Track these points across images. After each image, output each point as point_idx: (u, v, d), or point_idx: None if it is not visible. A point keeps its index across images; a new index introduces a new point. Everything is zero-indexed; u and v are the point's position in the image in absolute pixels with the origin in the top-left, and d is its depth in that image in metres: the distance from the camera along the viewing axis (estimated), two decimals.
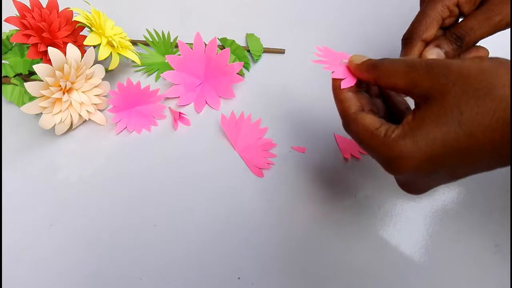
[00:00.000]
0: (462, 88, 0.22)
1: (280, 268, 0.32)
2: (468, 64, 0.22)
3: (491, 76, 0.21)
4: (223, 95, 0.42)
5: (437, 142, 0.22)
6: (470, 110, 0.21)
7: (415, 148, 0.23)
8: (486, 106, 0.21)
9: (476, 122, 0.21)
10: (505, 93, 0.21)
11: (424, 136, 0.22)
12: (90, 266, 0.32)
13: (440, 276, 0.32)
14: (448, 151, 0.22)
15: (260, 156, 0.38)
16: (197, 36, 0.41)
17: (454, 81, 0.22)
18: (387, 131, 0.24)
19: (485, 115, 0.21)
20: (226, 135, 0.39)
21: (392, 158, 0.24)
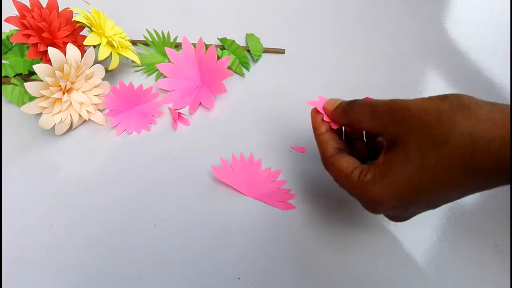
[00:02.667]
0: (421, 135, 0.23)
1: (280, 268, 0.32)
2: (426, 107, 0.23)
3: (448, 124, 0.22)
4: (216, 92, 0.42)
5: (405, 186, 0.24)
6: (430, 157, 0.23)
7: (385, 193, 0.24)
8: (445, 153, 0.22)
9: (438, 166, 0.22)
10: (463, 142, 0.22)
11: (392, 181, 0.24)
12: (90, 266, 0.32)
13: (440, 276, 0.32)
14: (416, 192, 0.24)
15: (279, 192, 0.36)
16: (184, 40, 0.41)
17: (414, 128, 0.23)
18: (360, 175, 0.26)
19: (444, 161, 0.22)
20: (229, 185, 0.36)
21: (367, 201, 0.26)
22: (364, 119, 0.26)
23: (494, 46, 0.47)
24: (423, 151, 0.23)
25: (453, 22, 0.50)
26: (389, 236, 0.34)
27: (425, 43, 0.48)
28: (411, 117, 0.24)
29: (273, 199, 0.35)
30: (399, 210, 0.25)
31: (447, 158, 0.22)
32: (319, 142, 0.29)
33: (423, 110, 0.23)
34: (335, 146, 0.28)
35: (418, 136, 0.23)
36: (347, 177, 0.26)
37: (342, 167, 0.27)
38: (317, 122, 0.30)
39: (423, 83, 0.44)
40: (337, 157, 0.28)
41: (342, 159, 0.27)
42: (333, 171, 0.28)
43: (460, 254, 0.33)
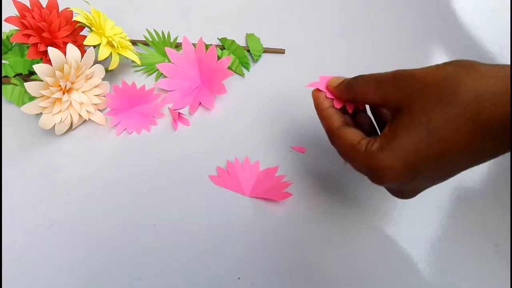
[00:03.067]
0: (428, 97, 0.23)
1: (280, 268, 0.32)
2: (431, 71, 0.23)
3: (454, 84, 0.22)
4: (216, 92, 0.42)
5: (411, 151, 0.23)
6: (438, 117, 0.22)
7: (392, 159, 0.24)
8: (453, 111, 0.22)
9: (447, 127, 0.22)
10: (468, 98, 0.21)
11: (399, 147, 0.23)
12: (90, 266, 0.32)
13: (440, 276, 0.32)
14: (423, 157, 0.23)
15: (277, 185, 0.36)
16: (184, 40, 0.41)
17: (419, 90, 0.23)
18: (367, 145, 0.25)
19: (453, 120, 0.22)
20: (228, 189, 0.36)
21: (373, 170, 0.25)
22: (368, 91, 0.26)
23: (494, 46, 0.47)
24: (430, 112, 0.22)
25: (453, 22, 0.50)
26: (389, 235, 0.34)
27: (425, 43, 0.48)
28: (416, 82, 0.23)
29: (271, 192, 0.35)
30: (405, 179, 0.24)
31: (454, 116, 0.22)
32: (324, 117, 0.29)
33: (428, 73, 0.23)
34: (340, 119, 0.28)
35: (423, 98, 0.23)
36: (353, 148, 0.26)
37: (349, 138, 0.26)
38: (320, 99, 0.29)
39: None
40: (343, 129, 0.27)
41: (349, 131, 0.27)
42: (340, 143, 0.27)
43: (460, 254, 0.33)
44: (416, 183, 0.25)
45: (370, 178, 0.26)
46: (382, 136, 0.25)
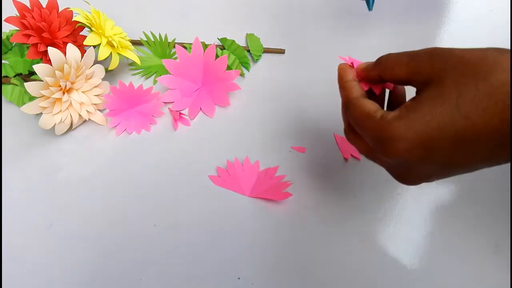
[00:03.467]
0: (462, 71, 0.21)
1: (280, 268, 0.32)
2: (470, 51, 0.22)
3: (492, 62, 0.21)
4: (218, 102, 0.42)
5: (431, 124, 0.21)
6: (468, 92, 0.21)
7: (408, 129, 0.22)
8: (485, 89, 0.20)
9: (474, 104, 0.20)
10: (506, 77, 0.20)
11: (419, 118, 0.22)
12: (90, 266, 0.32)
13: (440, 276, 0.32)
14: (443, 134, 0.21)
15: (278, 185, 0.36)
16: (196, 41, 0.41)
17: (454, 65, 0.22)
18: (384, 114, 0.24)
19: (483, 97, 0.20)
20: (228, 189, 0.36)
21: (384, 139, 0.23)
22: (397, 65, 0.25)
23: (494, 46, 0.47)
24: (462, 86, 0.21)
25: (453, 22, 0.50)
26: (389, 235, 0.34)
27: (425, 43, 0.48)
28: (452, 57, 0.22)
29: (271, 192, 0.35)
30: (415, 157, 0.23)
31: (486, 94, 0.20)
32: (345, 87, 0.28)
33: (466, 52, 0.22)
34: (361, 91, 0.27)
35: (458, 72, 0.21)
36: (368, 116, 0.25)
37: (366, 107, 0.25)
38: (345, 71, 0.28)
39: None
40: (362, 99, 0.26)
41: (368, 102, 0.26)
42: (355, 112, 0.26)
43: (460, 254, 0.33)
44: (424, 166, 0.24)
45: (379, 147, 0.24)
46: (403, 106, 0.23)
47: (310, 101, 0.42)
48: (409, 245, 0.33)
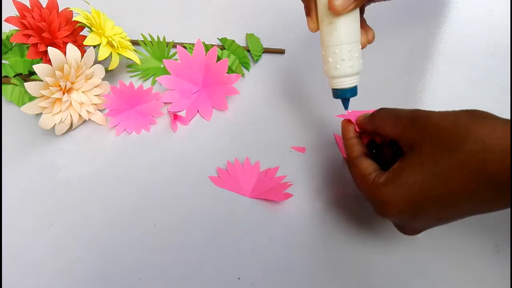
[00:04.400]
0: (437, 140, 0.24)
1: (280, 268, 0.32)
2: (445, 116, 0.24)
3: (464, 131, 0.23)
4: (217, 106, 0.42)
5: (414, 189, 0.24)
6: (443, 161, 0.23)
7: (395, 194, 0.25)
8: (459, 158, 0.22)
9: (449, 172, 0.23)
10: (476, 147, 0.22)
11: (404, 184, 0.25)
12: (90, 266, 0.32)
13: (440, 276, 0.32)
14: (425, 197, 0.24)
15: (278, 186, 0.36)
16: (198, 42, 0.40)
17: (431, 133, 0.24)
18: (376, 177, 0.27)
19: (457, 166, 0.23)
20: (228, 189, 0.36)
21: (377, 202, 0.26)
22: (387, 125, 0.28)
23: (494, 46, 0.47)
24: (437, 156, 0.23)
25: (453, 22, 0.50)
26: (389, 235, 0.34)
27: (425, 43, 0.48)
28: (429, 124, 0.24)
29: (272, 193, 0.35)
30: (407, 216, 0.26)
31: (459, 164, 0.22)
32: (347, 146, 0.31)
33: (442, 118, 0.24)
34: (360, 149, 0.30)
35: (433, 141, 0.24)
36: (363, 178, 0.27)
37: (362, 168, 0.28)
38: (347, 129, 0.31)
39: (422, 83, 0.44)
40: (361, 159, 0.29)
41: (365, 161, 0.28)
42: (354, 172, 0.29)
43: (460, 254, 0.33)
44: (418, 221, 0.26)
45: (374, 208, 0.27)
46: (391, 171, 0.26)
47: (310, 101, 0.42)
48: (408, 245, 0.33)
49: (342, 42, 0.30)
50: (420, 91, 0.43)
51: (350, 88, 0.32)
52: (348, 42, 0.30)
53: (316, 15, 0.31)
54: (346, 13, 0.29)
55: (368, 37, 0.33)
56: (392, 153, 0.31)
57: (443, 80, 0.44)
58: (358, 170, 0.28)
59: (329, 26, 0.30)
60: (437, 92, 0.43)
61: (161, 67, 0.45)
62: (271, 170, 0.37)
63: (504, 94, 0.43)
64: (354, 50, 0.31)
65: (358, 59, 0.31)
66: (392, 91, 0.43)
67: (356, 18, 0.30)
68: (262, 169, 0.37)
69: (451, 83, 0.44)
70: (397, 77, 0.45)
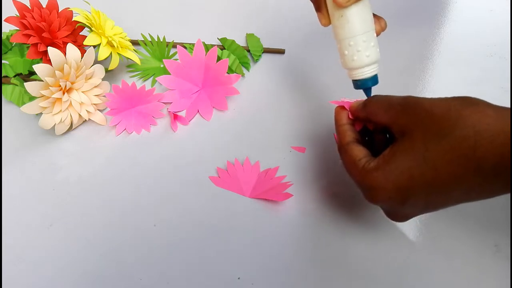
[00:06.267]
0: (428, 126, 0.24)
1: (280, 268, 0.32)
2: (437, 102, 0.24)
3: (455, 117, 0.23)
4: (217, 106, 0.42)
5: (404, 175, 0.24)
6: (434, 147, 0.23)
7: (385, 180, 0.25)
8: (449, 144, 0.22)
9: (439, 157, 0.23)
10: (466, 133, 0.22)
11: (393, 169, 0.25)
12: (90, 266, 0.32)
13: (440, 276, 0.32)
14: (415, 183, 0.24)
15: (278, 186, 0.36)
16: (198, 43, 0.40)
17: (422, 119, 0.24)
18: (366, 163, 0.27)
19: (447, 152, 0.23)
20: (228, 189, 0.36)
21: (367, 187, 0.26)
22: (379, 111, 0.27)
23: (494, 46, 0.47)
24: (428, 142, 0.23)
25: (453, 22, 0.50)
26: (389, 236, 0.34)
27: (425, 43, 0.48)
28: (421, 110, 0.24)
29: (272, 193, 0.35)
30: (396, 202, 0.25)
31: (449, 149, 0.22)
32: (339, 132, 0.30)
33: (433, 104, 0.24)
34: (352, 136, 0.29)
35: (424, 127, 0.24)
36: (354, 164, 0.27)
37: (353, 154, 0.28)
38: (340, 115, 0.31)
39: (422, 83, 0.44)
40: (352, 145, 0.29)
41: (356, 147, 0.28)
42: (345, 158, 0.29)
43: (460, 254, 0.33)
44: (407, 208, 0.26)
45: (364, 195, 0.27)
46: (381, 156, 0.26)
47: (310, 101, 0.42)
48: (408, 245, 0.33)
49: (356, 34, 0.30)
50: (420, 91, 0.43)
51: (371, 77, 0.32)
52: (362, 33, 0.30)
53: (327, 10, 0.31)
54: (353, 4, 0.29)
55: (381, 25, 0.33)
56: (385, 140, 0.31)
57: (443, 80, 0.44)
58: (349, 156, 0.28)
59: (340, 19, 0.30)
60: (437, 92, 0.43)
61: (161, 67, 0.45)
62: (271, 170, 0.37)
63: (504, 94, 0.43)
64: (369, 39, 0.30)
65: (374, 48, 0.31)
66: (392, 91, 0.43)
67: (367, 7, 0.30)
68: (262, 169, 0.37)
69: (451, 83, 0.44)
70: (397, 77, 0.45)
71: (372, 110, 0.28)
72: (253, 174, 0.37)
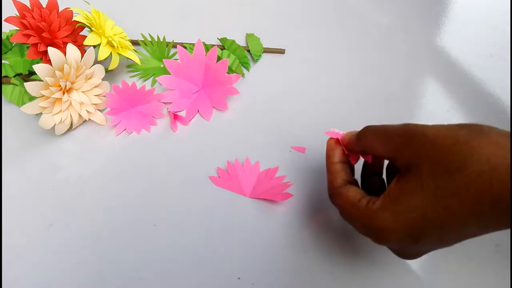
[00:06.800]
0: (436, 161, 0.22)
1: (280, 269, 0.32)
2: (443, 132, 0.22)
3: (465, 150, 0.21)
4: (217, 106, 0.42)
5: (415, 216, 0.22)
6: (445, 184, 0.21)
7: (395, 221, 0.23)
8: (462, 180, 0.21)
9: (452, 195, 0.21)
10: (481, 168, 0.20)
11: (403, 209, 0.23)
12: (90, 266, 0.32)
13: (440, 276, 0.32)
14: (427, 223, 0.22)
15: (278, 186, 0.36)
16: (198, 43, 0.40)
17: (428, 152, 0.22)
18: (369, 203, 0.24)
19: (460, 188, 0.21)
20: (228, 189, 0.36)
21: (374, 229, 0.24)
22: (376, 144, 0.26)
23: (494, 46, 0.47)
24: (438, 178, 0.21)
25: (453, 22, 0.50)
26: None
27: (425, 43, 0.48)
28: (426, 142, 0.22)
29: (272, 193, 0.35)
30: (407, 242, 0.24)
31: (463, 186, 0.21)
32: (330, 171, 0.29)
33: (439, 135, 0.22)
34: (344, 177, 0.28)
35: (432, 161, 0.22)
36: (354, 205, 0.25)
37: (350, 195, 0.26)
38: (332, 151, 0.29)
39: (422, 83, 0.44)
40: (345, 187, 0.27)
41: (350, 189, 0.26)
42: (340, 201, 0.27)
43: (460, 254, 0.33)
44: (420, 246, 0.24)
45: (371, 237, 0.25)
46: (386, 195, 0.24)
47: (310, 101, 0.42)
48: None
49: None
50: (420, 91, 0.43)
51: None
52: None
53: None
54: None
55: None
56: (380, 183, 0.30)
57: (443, 80, 0.44)
58: (345, 198, 0.26)
59: None
60: (437, 93, 0.43)
61: (161, 67, 0.45)
62: (271, 170, 0.37)
63: (504, 94, 0.43)
64: None
65: None
66: (392, 91, 0.43)
67: None
68: (262, 169, 0.37)
69: (451, 83, 0.44)
70: (396, 77, 0.45)
71: (367, 144, 0.26)
72: (253, 174, 0.37)
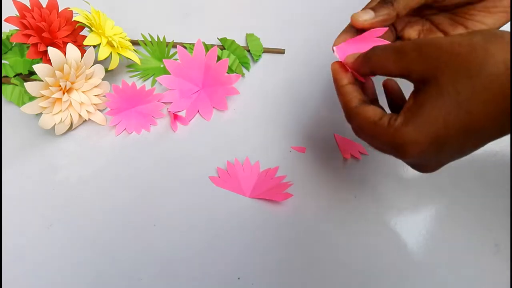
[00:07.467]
0: (455, 68, 0.22)
1: (280, 268, 0.32)
2: (458, 41, 0.22)
3: (482, 54, 0.21)
4: (217, 106, 0.42)
5: (438, 125, 0.22)
6: (466, 90, 0.21)
7: (418, 133, 0.23)
8: (481, 84, 0.21)
9: (474, 99, 0.21)
10: (498, 70, 0.21)
11: (426, 121, 0.23)
12: (90, 266, 0.32)
13: (440, 276, 0.32)
14: (451, 131, 0.22)
15: (278, 186, 0.36)
16: (198, 43, 0.40)
17: (446, 61, 0.22)
18: (390, 120, 0.24)
19: (480, 92, 0.21)
20: (228, 189, 0.36)
21: (398, 145, 0.24)
22: (388, 62, 0.25)
23: None
24: (458, 84, 0.22)
25: None
26: (389, 236, 0.34)
27: None
28: (442, 52, 0.22)
29: (272, 193, 0.35)
30: (431, 153, 0.24)
31: (483, 89, 0.21)
32: (342, 94, 0.28)
33: (454, 44, 0.22)
34: (359, 97, 0.27)
35: (451, 69, 0.22)
36: (375, 124, 0.25)
37: (370, 114, 0.26)
38: (339, 73, 0.28)
39: None
40: (363, 106, 0.26)
41: (369, 108, 0.26)
42: (359, 121, 0.26)
43: (460, 254, 0.33)
44: (439, 157, 0.25)
45: (394, 154, 0.25)
46: (406, 109, 0.24)
47: (310, 101, 0.42)
48: (409, 245, 0.33)
49: None
50: None
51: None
52: None
53: None
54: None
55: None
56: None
57: None
58: (364, 118, 0.26)
59: None
60: None
61: (161, 67, 0.45)
62: (271, 170, 0.37)
63: None
64: None
65: None
66: None
67: None
68: (262, 169, 0.37)
69: None
70: None
71: (377, 63, 0.26)
72: (253, 174, 0.37)
